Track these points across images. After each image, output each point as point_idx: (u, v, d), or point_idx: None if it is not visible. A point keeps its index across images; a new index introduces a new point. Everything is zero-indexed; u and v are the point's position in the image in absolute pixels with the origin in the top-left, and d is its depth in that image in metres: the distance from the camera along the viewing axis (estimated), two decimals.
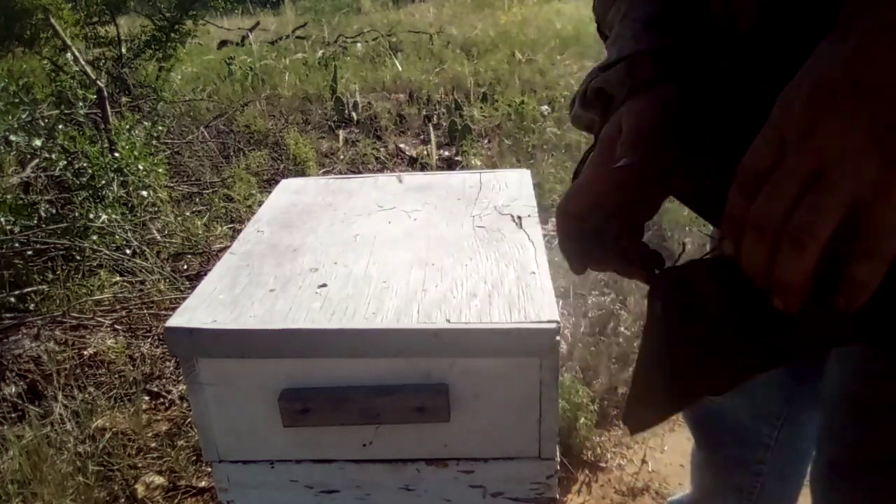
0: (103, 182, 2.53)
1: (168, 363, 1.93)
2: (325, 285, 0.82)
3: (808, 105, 0.37)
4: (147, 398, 1.80)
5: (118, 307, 2.14)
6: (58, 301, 2.12)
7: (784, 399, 0.91)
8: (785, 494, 1.06)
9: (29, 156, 2.76)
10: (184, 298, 0.82)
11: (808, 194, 0.36)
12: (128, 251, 2.37)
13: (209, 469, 1.42)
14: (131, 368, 1.89)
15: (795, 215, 0.37)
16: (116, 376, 1.86)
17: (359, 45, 5.80)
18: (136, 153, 2.69)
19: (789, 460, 1.01)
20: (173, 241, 2.57)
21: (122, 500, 1.48)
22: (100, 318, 2.09)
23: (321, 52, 5.50)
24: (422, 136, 3.87)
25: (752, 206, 0.39)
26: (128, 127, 2.89)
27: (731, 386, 0.50)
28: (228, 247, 0.95)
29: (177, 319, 0.76)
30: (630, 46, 0.55)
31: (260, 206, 1.19)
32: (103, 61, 4.13)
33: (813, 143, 0.36)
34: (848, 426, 0.68)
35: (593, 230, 0.57)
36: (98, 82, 3.10)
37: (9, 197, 2.37)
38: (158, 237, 2.56)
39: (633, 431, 0.62)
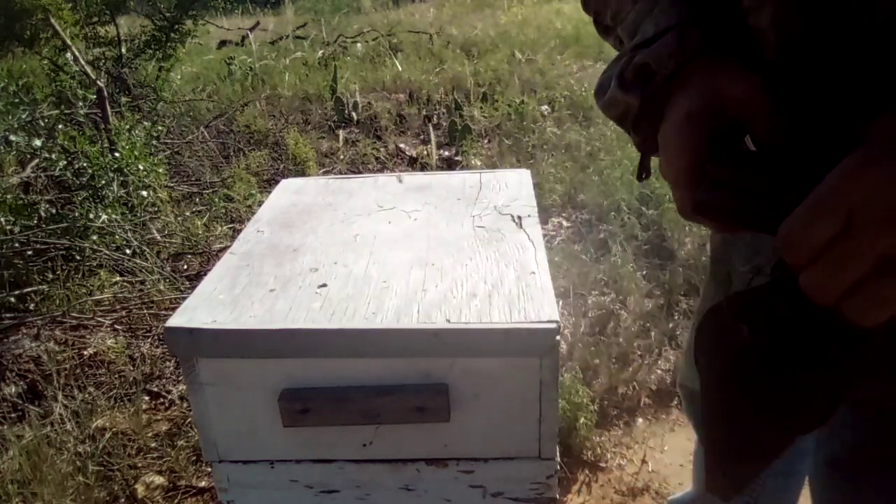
0: (103, 182, 2.53)
1: (168, 363, 1.93)
2: (325, 285, 0.83)
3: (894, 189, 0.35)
4: (147, 398, 1.80)
5: (118, 307, 2.14)
6: (58, 301, 2.12)
7: None
8: (786, 492, 1.06)
9: (29, 156, 2.75)
10: (184, 298, 0.82)
11: (883, 281, 0.36)
12: (128, 251, 2.37)
13: (209, 469, 1.42)
14: (131, 368, 1.89)
15: (867, 300, 0.37)
16: (116, 376, 1.86)
17: (359, 45, 5.80)
18: (136, 153, 2.69)
19: (790, 458, 1.02)
20: (173, 241, 2.57)
21: (122, 500, 1.48)
22: (100, 318, 2.09)
23: (321, 52, 5.50)
24: (422, 136, 3.87)
25: (807, 275, 0.38)
26: (128, 127, 2.89)
27: (833, 411, 0.47)
28: (228, 247, 0.95)
29: (177, 319, 0.76)
30: (671, 17, 0.51)
31: (260, 206, 1.19)
32: (103, 61, 4.12)
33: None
34: (849, 426, 0.68)
35: None
36: (98, 82, 3.10)
37: (9, 197, 2.37)
38: (158, 237, 2.56)
39: (728, 496, 0.55)
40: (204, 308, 0.78)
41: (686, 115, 0.48)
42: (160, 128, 3.29)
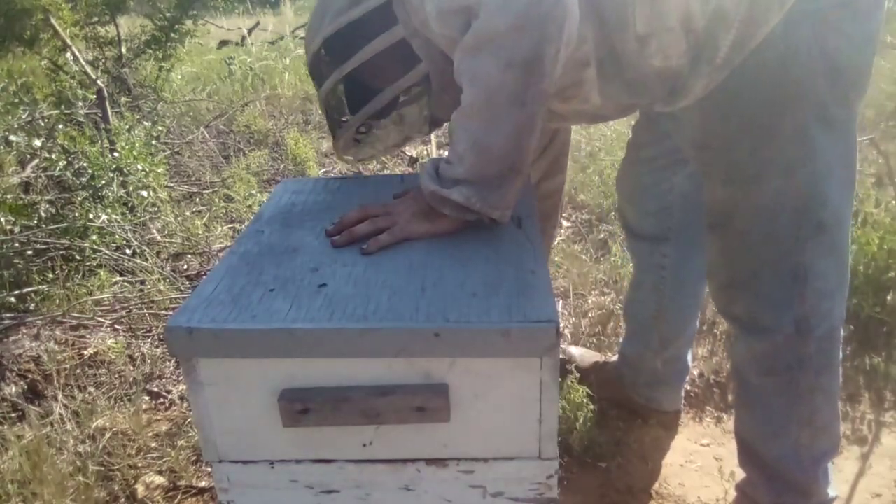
0: (103, 182, 2.53)
1: (168, 363, 1.93)
2: (325, 285, 0.83)
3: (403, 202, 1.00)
4: (147, 398, 1.80)
5: (118, 307, 2.14)
6: (58, 301, 2.12)
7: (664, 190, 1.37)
8: (684, 291, 1.46)
9: (29, 156, 2.75)
10: (184, 298, 0.82)
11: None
12: (128, 251, 2.37)
13: (209, 469, 1.42)
14: (131, 368, 1.89)
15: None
16: (116, 376, 1.86)
17: None
18: (135, 153, 2.69)
19: (684, 261, 1.41)
20: (173, 241, 2.57)
21: (122, 500, 1.48)
22: (100, 318, 2.09)
23: None
24: None
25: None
26: (128, 127, 2.89)
27: None
28: (228, 247, 0.96)
29: (177, 319, 0.76)
30: None
31: (260, 206, 1.19)
32: (103, 61, 4.12)
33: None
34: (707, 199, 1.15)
35: None
36: (98, 82, 3.10)
37: (9, 197, 2.37)
38: (158, 237, 2.56)
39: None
40: (204, 308, 0.78)
41: None
42: (160, 128, 3.29)
